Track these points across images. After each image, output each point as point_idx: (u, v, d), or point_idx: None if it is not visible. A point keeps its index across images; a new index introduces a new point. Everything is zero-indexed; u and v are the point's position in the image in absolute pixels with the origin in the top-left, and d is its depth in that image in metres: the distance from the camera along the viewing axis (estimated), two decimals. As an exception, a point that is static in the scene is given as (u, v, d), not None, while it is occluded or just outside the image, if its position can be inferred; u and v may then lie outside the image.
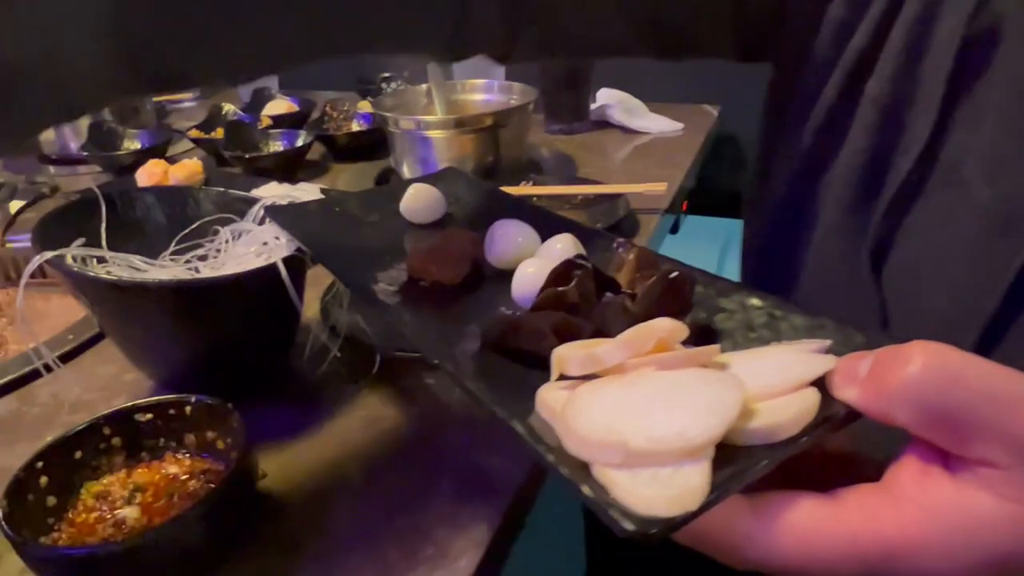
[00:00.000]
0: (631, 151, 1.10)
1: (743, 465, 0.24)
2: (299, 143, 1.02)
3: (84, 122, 1.10)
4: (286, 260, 0.49)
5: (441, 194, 0.52)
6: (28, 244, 0.52)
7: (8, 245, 0.83)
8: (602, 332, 0.33)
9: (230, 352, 0.51)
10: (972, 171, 0.36)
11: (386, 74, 1.34)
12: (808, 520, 0.24)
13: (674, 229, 1.04)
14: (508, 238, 0.43)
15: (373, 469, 0.47)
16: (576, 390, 0.27)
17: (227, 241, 0.56)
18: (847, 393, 0.25)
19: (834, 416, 0.25)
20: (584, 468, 0.24)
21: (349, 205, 0.54)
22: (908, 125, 0.38)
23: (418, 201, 0.52)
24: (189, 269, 0.54)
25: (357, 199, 0.56)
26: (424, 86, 1.02)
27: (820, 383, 0.27)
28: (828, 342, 0.29)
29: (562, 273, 0.36)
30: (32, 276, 0.46)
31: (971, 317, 0.37)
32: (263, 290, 0.50)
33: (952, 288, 0.37)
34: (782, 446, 0.24)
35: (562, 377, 0.29)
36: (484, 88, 1.02)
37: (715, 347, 0.29)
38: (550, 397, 0.28)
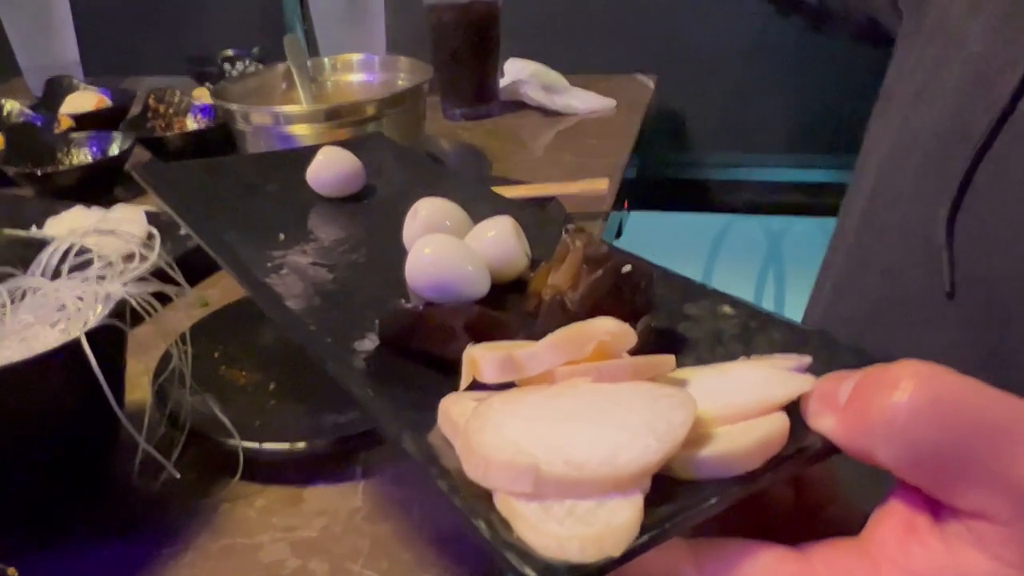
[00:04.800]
0: (554, 137, 1.07)
1: (686, 502, 0.23)
2: (114, 150, 0.93)
3: None
4: (94, 333, 0.40)
5: (360, 162, 0.52)
6: None
7: None
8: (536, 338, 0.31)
9: (13, 477, 0.42)
10: None
11: (228, 52, 1.25)
12: None
13: (618, 233, 1.01)
14: (431, 221, 0.41)
15: (245, 632, 0.39)
16: (486, 401, 0.26)
17: (3, 307, 0.47)
18: (823, 422, 0.25)
19: (807, 449, 0.25)
20: (487, 499, 0.23)
21: (243, 169, 0.57)
22: (994, 83, 0.44)
23: (329, 169, 0.51)
24: (-56, 354, 0.45)
25: (252, 163, 0.58)
26: (281, 66, 0.94)
27: (795, 409, 0.26)
28: (808, 359, 0.28)
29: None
30: None
31: None
32: (60, 379, 0.41)
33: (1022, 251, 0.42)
34: (738, 482, 0.23)
35: (475, 386, 0.28)
36: (362, 65, 0.95)
37: (669, 357, 0.28)
38: (454, 409, 0.26)
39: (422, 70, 0.91)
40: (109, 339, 0.42)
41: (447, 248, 0.37)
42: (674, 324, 0.34)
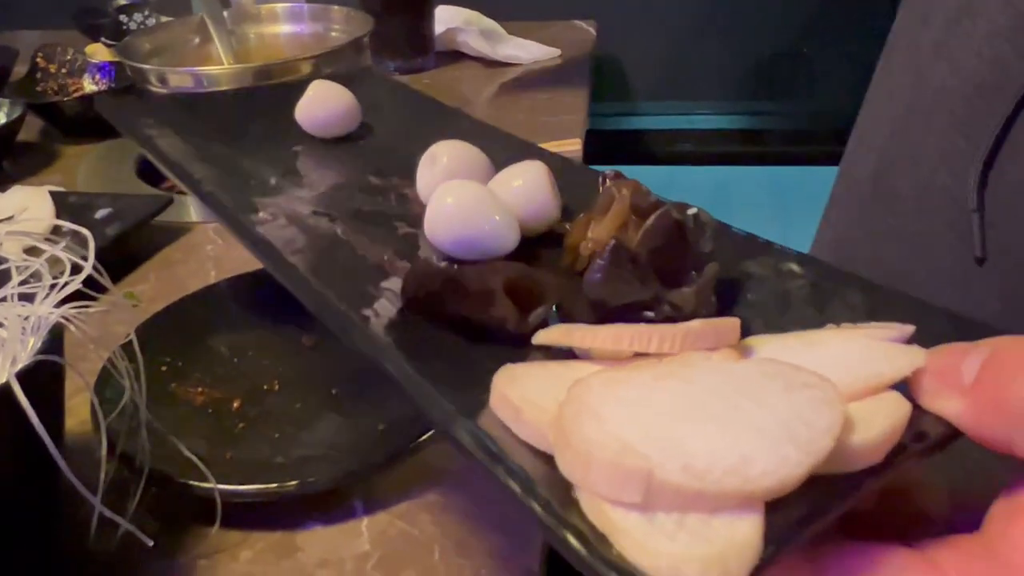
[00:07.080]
0: (498, 90, 1.00)
1: (807, 505, 0.19)
2: (0, 119, 0.83)
3: None
4: (26, 374, 0.32)
5: (355, 98, 0.48)
6: None
7: None
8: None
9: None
10: None
11: (121, 0, 1.11)
12: None
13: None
14: (451, 166, 0.38)
15: None
16: (584, 382, 0.23)
17: None
18: (947, 405, 0.22)
19: (926, 436, 0.22)
20: (571, 501, 0.20)
21: (220, 107, 0.55)
22: None
23: (322, 106, 0.47)
24: None
25: (234, 99, 0.56)
26: (193, 17, 0.83)
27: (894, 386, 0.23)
28: (910, 328, 0.25)
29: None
30: None
31: None
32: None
33: None
34: (861, 478, 0.20)
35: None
36: (288, 15, 0.85)
37: (734, 321, 0.25)
38: (512, 388, 0.23)
39: (360, 20, 0.81)
40: (45, 377, 0.34)
41: (472, 197, 0.33)
42: (734, 283, 0.31)
